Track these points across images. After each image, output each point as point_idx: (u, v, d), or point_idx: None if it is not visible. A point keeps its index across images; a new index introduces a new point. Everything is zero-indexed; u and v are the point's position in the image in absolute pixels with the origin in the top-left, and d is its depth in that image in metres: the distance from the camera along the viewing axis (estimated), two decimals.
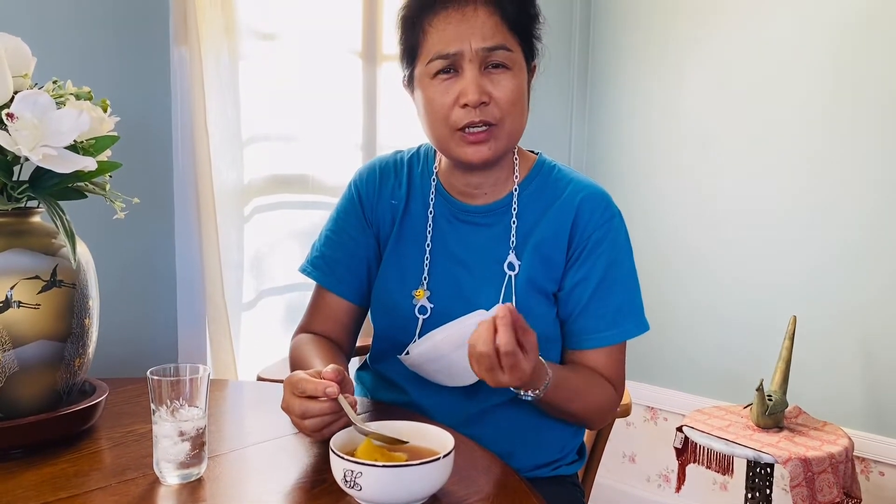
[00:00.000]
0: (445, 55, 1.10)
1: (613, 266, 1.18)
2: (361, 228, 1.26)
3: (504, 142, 1.14)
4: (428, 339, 1.15)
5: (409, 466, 0.79)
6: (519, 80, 1.13)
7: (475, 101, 1.09)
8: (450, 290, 1.19)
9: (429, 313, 1.19)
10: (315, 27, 1.91)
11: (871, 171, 2.11)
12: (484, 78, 1.11)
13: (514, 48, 1.12)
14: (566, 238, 1.18)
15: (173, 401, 0.87)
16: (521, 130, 1.17)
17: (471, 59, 1.10)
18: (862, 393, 2.16)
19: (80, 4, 1.50)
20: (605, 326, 1.18)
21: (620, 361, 1.21)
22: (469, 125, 1.11)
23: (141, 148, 1.59)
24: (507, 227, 1.20)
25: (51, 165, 0.89)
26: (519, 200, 1.21)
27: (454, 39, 1.10)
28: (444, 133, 1.14)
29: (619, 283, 1.19)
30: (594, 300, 1.17)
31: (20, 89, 0.94)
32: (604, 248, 1.17)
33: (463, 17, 1.10)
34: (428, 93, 1.13)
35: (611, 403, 1.19)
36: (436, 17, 1.11)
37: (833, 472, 1.82)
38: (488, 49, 1.10)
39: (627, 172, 2.65)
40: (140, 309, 1.63)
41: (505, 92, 1.11)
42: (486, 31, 1.10)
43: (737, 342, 2.41)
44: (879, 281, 2.11)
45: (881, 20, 2.08)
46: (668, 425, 2.58)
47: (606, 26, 2.70)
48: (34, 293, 0.93)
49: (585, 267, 1.17)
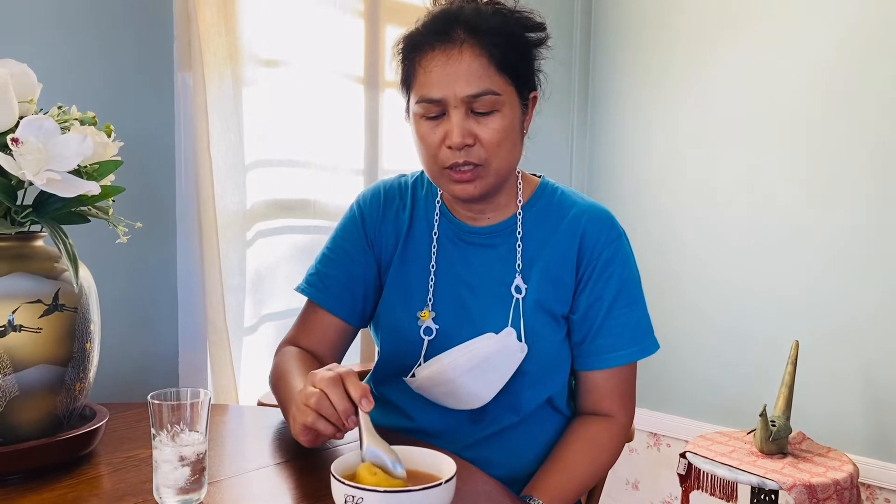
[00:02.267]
0: (430, 100, 1.09)
1: (625, 284, 1.19)
2: (362, 248, 1.26)
3: (492, 180, 1.13)
4: (435, 363, 1.15)
5: (411, 492, 0.79)
6: (508, 119, 1.11)
7: (459, 145, 1.08)
8: (455, 311, 1.19)
9: (434, 335, 1.18)
10: (318, 54, 1.93)
11: (875, 192, 2.12)
12: (470, 120, 1.09)
13: (501, 90, 1.09)
14: (574, 259, 1.18)
15: (174, 425, 0.86)
16: (512, 167, 1.16)
17: (455, 105, 1.08)
18: (866, 419, 2.15)
19: (86, 30, 1.51)
20: (623, 345, 1.18)
21: (632, 382, 1.22)
22: (454, 166, 1.10)
23: (144, 172, 1.60)
24: (512, 248, 1.20)
25: (54, 190, 0.90)
26: (523, 222, 1.21)
27: (438, 84, 1.08)
28: (433, 169, 1.14)
29: (633, 301, 1.20)
30: (609, 319, 1.18)
31: (25, 114, 0.95)
32: (615, 268, 1.18)
33: (448, 59, 1.08)
34: (419, 129, 1.13)
35: (617, 446, 1.21)
36: (423, 56, 1.10)
37: (838, 498, 1.81)
38: (473, 96, 1.07)
39: (628, 194, 2.66)
40: (141, 333, 1.62)
41: (491, 134, 1.09)
42: (471, 76, 1.07)
43: (739, 368, 2.40)
44: (882, 305, 2.11)
45: (883, 35, 2.09)
46: (671, 451, 2.56)
47: (606, 46, 2.72)
48: (36, 317, 0.93)
49: (598, 287, 1.18)
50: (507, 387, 1.15)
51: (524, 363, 1.15)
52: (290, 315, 1.93)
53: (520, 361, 1.14)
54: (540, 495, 1.08)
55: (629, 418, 1.23)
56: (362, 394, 0.90)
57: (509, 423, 1.19)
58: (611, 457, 1.20)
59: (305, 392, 0.93)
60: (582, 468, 1.16)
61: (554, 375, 1.20)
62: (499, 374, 1.13)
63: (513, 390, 1.16)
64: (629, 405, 1.22)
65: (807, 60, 2.23)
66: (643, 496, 2.66)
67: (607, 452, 1.19)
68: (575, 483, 1.14)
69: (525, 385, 1.17)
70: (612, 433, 1.20)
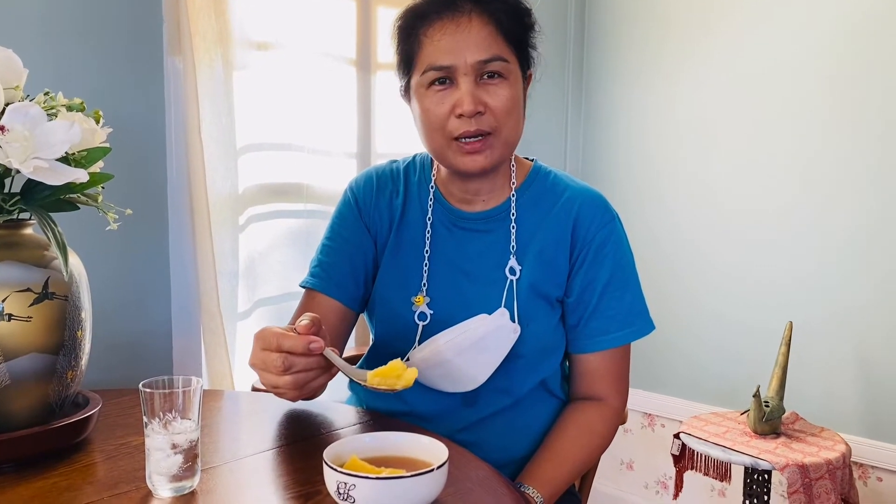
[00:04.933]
0: (440, 67, 1.10)
1: (619, 267, 1.19)
2: (361, 232, 1.26)
3: (500, 150, 1.14)
4: (430, 344, 1.15)
5: (403, 478, 0.79)
6: (515, 89, 1.13)
7: (471, 112, 1.09)
8: (450, 295, 1.20)
9: (428, 320, 1.19)
10: (309, 36, 1.91)
11: (868, 175, 2.12)
12: (479, 88, 1.11)
13: (509, 58, 1.12)
14: (568, 243, 1.19)
15: (166, 413, 0.86)
16: (518, 139, 1.17)
17: (465, 72, 1.10)
18: (859, 399, 2.16)
19: (73, 15, 1.49)
20: (617, 327, 1.19)
21: (625, 365, 1.23)
22: (464, 135, 1.11)
23: (134, 159, 1.59)
24: (507, 232, 1.20)
25: (42, 177, 0.89)
26: (517, 206, 1.21)
27: (448, 51, 1.10)
28: (440, 143, 1.14)
29: (627, 284, 1.20)
30: (604, 301, 1.19)
31: (11, 101, 0.93)
32: (608, 250, 1.19)
33: (457, 27, 1.10)
34: (424, 103, 1.13)
35: (610, 430, 1.22)
36: (430, 27, 1.11)
37: (830, 478, 1.82)
38: (483, 61, 1.10)
39: (623, 179, 2.65)
40: (134, 320, 1.62)
41: (500, 101, 1.11)
42: (480, 42, 1.09)
43: (733, 348, 2.41)
44: (877, 286, 2.11)
45: (878, 25, 2.08)
46: (665, 432, 2.57)
47: (601, 31, 2.70)
48: (26, 306, 0.92)
49: (593, 270, 1.18)
50: (501, 370, 1.15)
51: (518, 346, 1.15)
52: (284, 300, 1.93)
53: (513, 342, 1.14)
54: (532, 483, 1.09)
55: (622, 401, 1.23)
56: (304, 343, 0.94)
57: (503, 406, 1.19)
58: (603, 441, 1.21)
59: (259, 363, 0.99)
60: (574, 455, 1.17)
61: (548, 359, 1.21)
62: (493, 354, 1.14)
63: (506, 373, 1.16)
64: (622, 388, 1.23)
65: (805, 44, 2.21)
66: (637, 476, 2.68)
67: (600, 437, 1.20)
68: (567, 469, 1.15)
69: (519, 368, 1.17)
70: (605, 418, 1.20)
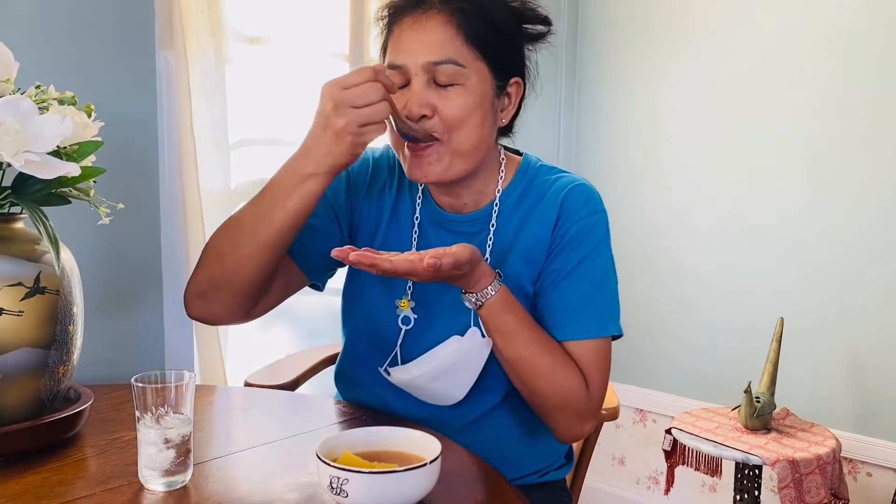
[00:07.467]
0: (393, 66, 1.07)
1: (585, 261, 1.12)
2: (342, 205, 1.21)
3: (450, 160, 1.07)
4: (405, 372, 1.12)
5: (396, 473, 0.79)
6: (473, 96, 1.06)
7: (414, 115, 1.04)
8: (433, 301, 1.17)
9: (412, 324, 1.17)
10: (302, 30, 1.90)
11: (861, 174, 2.13)
12: (431, 91, 1.05)
13: (467, 63, 1.05)
14: (549, 235, 1.14)
15: (158, 408, 0.86)
16: (475, 150, 1.09)
17: (416, 73, 1.05)
18: (849, 394, 2.17)
19: (64, 8, 1.48)
20: (564, 320, 1.10)
21: (591, 364, 1.10)
22: (407, 135, 1.06)
23: (126, 153, 1.58)
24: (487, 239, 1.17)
25: (33, 171, 0.88)
26: (502, 207, 1.17)
27: (403, 50, 1.06)
28: (395, 144, 1.12)
29: (587, 279, 1.11)
30: (557, 291, 1.12)
31: (2, 94, 0.93)
32: (577, 243, 1.12)
33: (415, 24, 1.05)
34: None
35: (576, 394, 1.08)
36: (399, 23, 1.08)
37: (821, 473, 1.83)
38: (434, 63, 1.04)
39: (615, 174, 2.66)
40: (126, 314, 1.61)
41: (451, 108, 1.05)
42: (434, 43, 1.04)
43: (725, 344, 2.42)
44: (867, 283, 2.13)
45: (870, 26, 2.09)
46: (656, 427, 2.58)
47: (594, 30, 2.70)
48: (17, 300, 0.92)
49: (559, 259, 1.12)
50: (484, 371, 1.12)
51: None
52: None
53: (487, 355, 1.10)
54: (505, 293, 1.04)
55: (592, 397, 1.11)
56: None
57: (492, 405, 1.17)
58: (567, 382, 1.08)
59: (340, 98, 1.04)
60: (544, 338, 1.08)
61: None
62: (469, 373, 1.11)
63: (490, 373, 1.13)
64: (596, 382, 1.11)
65: (797, 45, 2.22)
66: (629, 472, 2.69)
67: (571, 376, 1.08)
68: (528, 333, 1.07)
69: (500, 367, 1.13)
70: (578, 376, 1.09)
